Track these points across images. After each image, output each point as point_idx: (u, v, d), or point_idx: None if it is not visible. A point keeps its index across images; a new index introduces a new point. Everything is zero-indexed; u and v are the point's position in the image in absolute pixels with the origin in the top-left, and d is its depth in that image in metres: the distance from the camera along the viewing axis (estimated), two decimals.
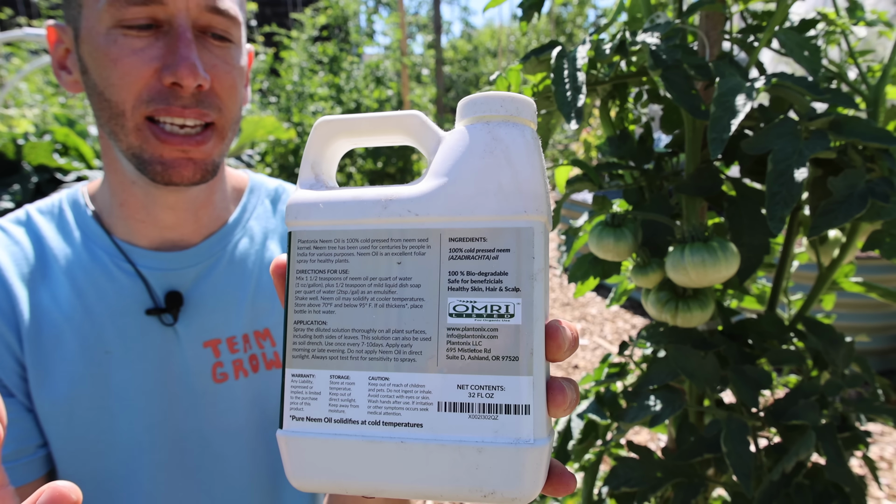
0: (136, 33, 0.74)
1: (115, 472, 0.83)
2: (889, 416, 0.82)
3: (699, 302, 0.82)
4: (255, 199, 0.97)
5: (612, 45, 0.81)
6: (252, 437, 0.89)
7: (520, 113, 0.41)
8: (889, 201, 0.71)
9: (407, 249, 0.40)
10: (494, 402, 0.38)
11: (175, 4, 0.74)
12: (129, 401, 0.82)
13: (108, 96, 0.76)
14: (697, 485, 0.86)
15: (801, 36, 0.80)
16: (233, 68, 0.80)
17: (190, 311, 0.85)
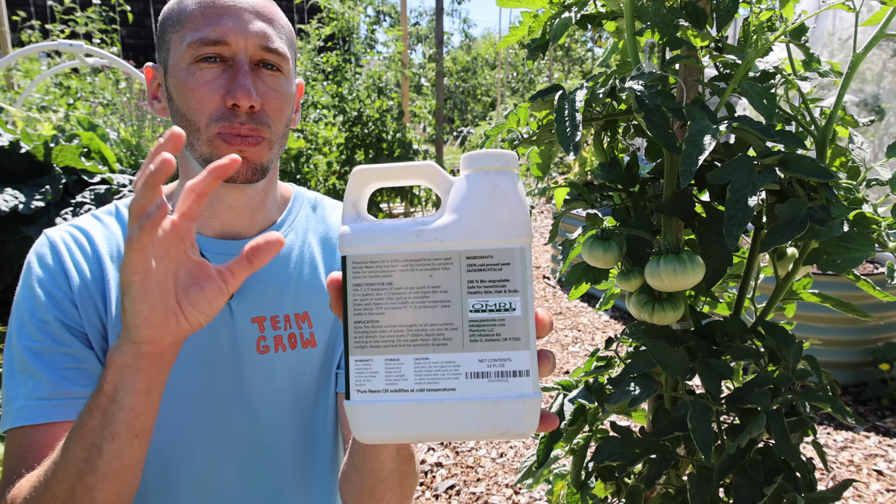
0: (207, 66, 0.95)
1: (171, 420, 1.00)
2: (827, 402, 0.98)
3: (672, 304, 0.99)
4: (298, 205, 1.18)
5: (604, 90, 0.98)
6: (286, 403, 1.06)
7: (509, 164, 0.59)
8: (825, 225, 0.87)
9: (436, 266, 0.58)
10: (505, 370, 0.56)
11: (237, 44, 0.95)
12: (188, 361, 1.00)
13: (189, 117, 0.96)
14: (668, 459, 1.02)
15: (760, 86, 0.97)
16: (280, 94, 1.00)
17: (243, 291, 1.04)
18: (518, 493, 2.33)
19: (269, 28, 0.99)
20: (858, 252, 0.88)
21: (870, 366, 3.00)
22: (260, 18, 0.98)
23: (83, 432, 0.75)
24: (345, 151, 7.04)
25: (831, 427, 2.72)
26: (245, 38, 0.95)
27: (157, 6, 12.38)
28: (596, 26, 1.18)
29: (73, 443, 0.76)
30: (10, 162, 2.45)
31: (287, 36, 1.04)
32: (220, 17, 0.95)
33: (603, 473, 1.18)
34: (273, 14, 1.01)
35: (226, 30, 0.94)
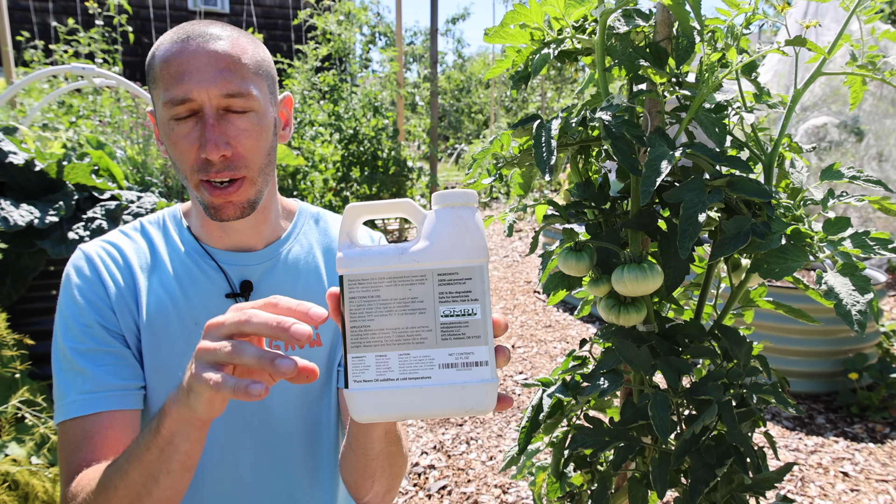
0: (182, 121, 1.05)
1: None
2: (771, 395, 1.12)
3: (636, 307, 1.13)
4: (303, 219, 1.32)
5: (576, 120, 1.12)
6: (294, 397, 1.21)
7: (470, 201, 0.75)
8: (765, 239, 1.01)
9: (414, 281, 0.73)
10: (469, 361, 0.72)
11: (201, 98, 1.03)
12: None
13: (178, 166, 1.09)
14: (633, 446, 1.16)
15: (714, 116, 1.11)
16: (253, 132, 1.08)
17: (256, 296, 1.18)
18: (506, 493, 2.45)
19: (230, 75, 1.04)
20: (794, 262, 1.02)
21: (841, 375, 3.14)
22: (219, 67, 1.04)
23: (142, 462, 0.88)
24: (341, 169, 7.18)
25: (803, 433, 2.86)
26: (207, 91, 1.02)
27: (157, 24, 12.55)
28: (572, 61, 1.32)
29: (132, 467, 0.89)
30: (24, 179, 2.58)
31: (255, 68, 1.09)
32: (181, 77, 1.02)
33: (578, 461, 1.32)
34: (236, 55, 1.07)
35: (188, 88, 1.02)
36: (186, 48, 1.04)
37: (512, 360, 3.92)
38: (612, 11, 1.12)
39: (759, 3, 1.14)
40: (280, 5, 14.00)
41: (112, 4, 5.88)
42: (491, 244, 7.80)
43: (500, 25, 1.24)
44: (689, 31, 1.12)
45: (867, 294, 0.93)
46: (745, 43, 1.16)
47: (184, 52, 1.03)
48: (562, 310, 4.98)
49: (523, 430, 1.25)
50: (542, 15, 1.22)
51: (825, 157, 5.98)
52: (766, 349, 3.17)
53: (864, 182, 1.10)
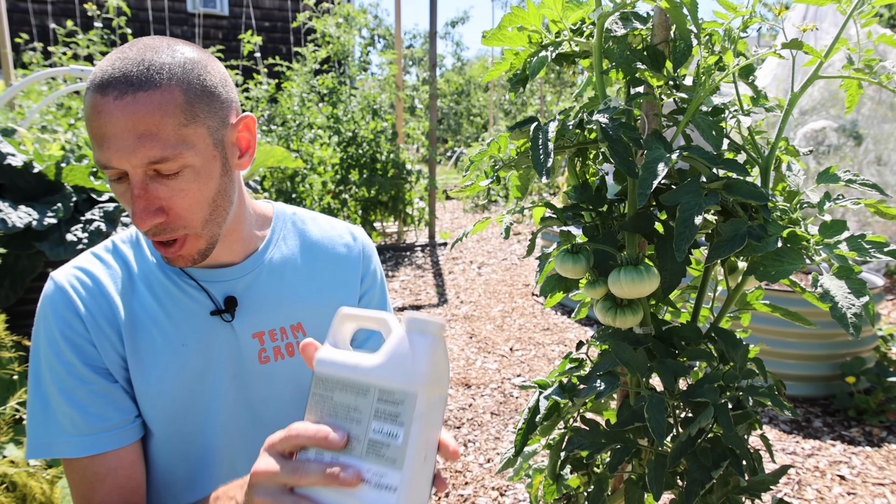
0: (116, 182, 0.98)
1: (194, 430, 1.14)
2: (766, 397, 1.12)
3: (632, 309, 1.13)
4: (280, 223, 1.26)
5: (573, 122, 1.12)
6: (288, 404, 1.20)
7: (429, 329, 0.76)
8: (761, 241, 1.02)
9: (359, 392, 0.76)
10: (381, 483, 0.72)
11: (123, 166, 0.93)
12: (201, 379, 1.12)
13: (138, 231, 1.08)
14: (630, 448, 1.16)
15: (710, 119, 1.11)
16: (187, 192, 0.98)
17: (242, 310, 1.15)
18: (503, 495, 2.45)
19: (151, 141, 0.92)
20: (790, 265, 1.02)
21: (838, 379, 3.14)
22: (138, 133, 0.91)
23: None
24: (339, 171, 7.18)
25: (800, 436, 2.86)
26: (129, 160, 0.92)
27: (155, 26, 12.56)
28: (570, 64, 1.32)
29: None
30: (23, 181, 2.58)
31: (188, 115, 0.95)
32: (101, 142, 0.92)
33: (574, 463, 1.32)
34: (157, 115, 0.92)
35: (108, 156, 0.92)
36: (105, 105, 0.91)
37: (509, 362, 3.92)
38: (609, 14, 1.12)
39: (756, 6, 1.14)
40: (279, 8, 14.01)
41: (111, 7, 5.88)
42: (489, 247, 7.80)
43: (498, 28, 1.24)
44: (686, 34, 1.12)
45: (863, 297, 0.93)
46: (742, 46, 1.17)
47: (102, 111, 0.91)
48: (559, 312, 4.99)
49: (519, 432, 1.26)
50: (539, 18, 1.22)
51: (823, 160, 5.99)
52: (763, 352, 3.18)
53: (860, 185, 1.10)
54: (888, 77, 1.10)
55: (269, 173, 6.89)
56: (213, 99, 1.00)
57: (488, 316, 4.93)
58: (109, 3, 5.89)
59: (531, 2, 1.22)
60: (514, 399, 3.39)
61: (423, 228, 8.28)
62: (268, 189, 6.83)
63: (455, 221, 9.86)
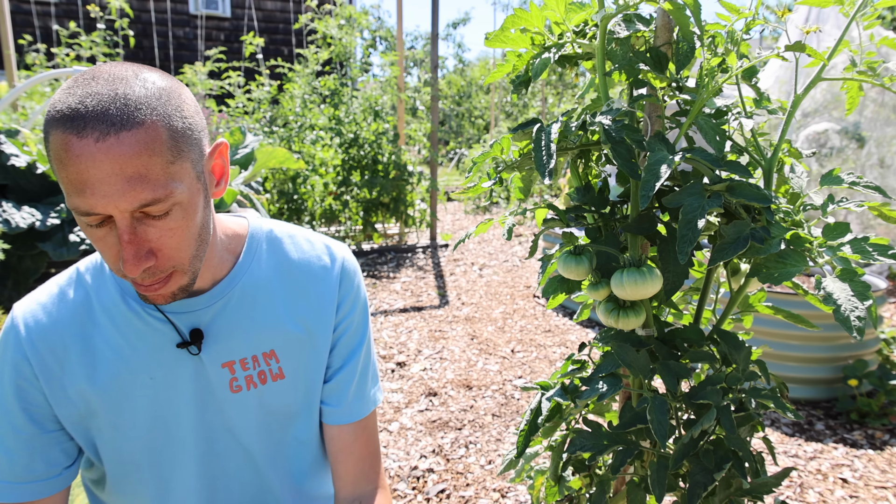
0: (96, 227, 0.90)
1: (170, 459, 1.14)
2: (770, 399, 1.12)
3: (634, 311, 1.13)
4: (255, 244, 1.18)
5: (576, 124, 1.12)
6: (261, 430, 1.19)
7: None
8: (764, 244, 1.02)
9: None
10: None
11: (108, 211, 0.86)
12: (172, 409, 1.11)
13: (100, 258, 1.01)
14: (632, 450, 1.16)
15: (713, 121, 1.11)
16: (177, 229, 0.93)
17: (210, 341, 1.11)
18: (505, 497, 2.45)
19: (141, 184, 0.86)
20: (793, 267, 1.02)
21: (840, 382, 3.13)
22: (126, 176, 0.85)
23: None
24: (341, 173, 7.18)
25: (802, 439, 2.85)
26: (117, 205, 0.86)
27: (160, 28, 12.57)
28: (573, 65, 1.32)
29: None
30: (26, 182, 2.58)
31: (174, 152, 0.90)
32: (83, 188, 0.84)
33: (576, 465, 1.32)
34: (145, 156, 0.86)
35: (93, 202, 0.85)
36: (84, 148, 0.83)
37: (511, 364, 3.92)
38: (612, 16, 1.12)
39: (759, 8, 1.14)
40: (281, 9, 14.02)
41: (114, 8, 5.89)
42: (491, 248, 7.80)
43: (501, 30, 1.24)
44: (689, 35, 1.12)
45: (866, 300, 0.93)
46: (745, 48, 1.17)
47: (82, 155, 0.83)
48: (561, 314, 4.98)
49: (522, 433, 1.26)
50: (542, 19, 1.22)
51: (826, 163, 5.98)
52: (765, 355, 3.17)
53: (863, 188, 1.10)
54: (891, 79, 1.10)
55: (271, 174, 6.90)
56: (192, 130, 0.94)
57: (490, 318, 4.93)
58: (112, 5, 5.90)
59: (534, 3, 1.22)
60: (515, 401, 3.39)
61: (425, 230, 8.28)
62: (270, 190, 6.84)
63: (456, 223, 9.86)
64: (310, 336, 1.19)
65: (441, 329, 4.64)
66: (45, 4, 11.27)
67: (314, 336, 1.19)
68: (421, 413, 3.26)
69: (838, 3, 1.16)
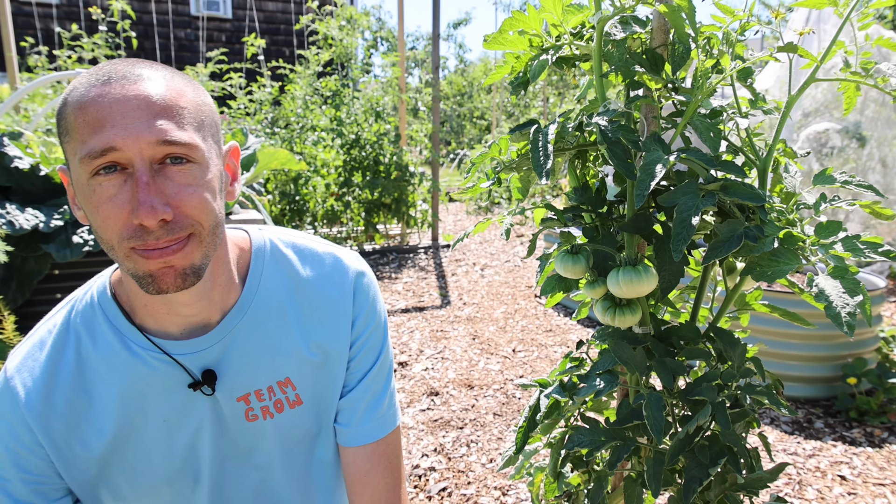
0: (106, 178, 0.84)
1: (187, 490, 1.14)
2: (764, 395, 1.14)
3: (630, 309, 1.15)
4: (259, 262, 1.12)
5: (573, 125, 1.14)
6: (282, 454, 1.19)
7: None
8: (758, 242, 1.03)
9: None
10: None
11: (129, 149, 0.83)
12: (190, 444, 1.10)
13: (101, 234, 0.88)
14: (629, 445, 1.17)
15: (709, 121, 1.13)
16: (198, 187, 0.89)
17: (223, 378, 1.07)
18: (506, 495, 2.46)
19: (166, 121, 0.86)
20: (786, 265, 1.04)
21: (840, 380, 3.15)
22: (151, 109, 0.85)
23: None
24: (343, 173, 7.20)
25: (801, 437, 2.87)
26: (136, 139, 0.83)
27: (161, 29, 12.60)
28: (570, 67, 1.34)
29: None
30: (29, 184, 2.60)
31: (195, 113, 0.91)
32: (104, 124, 0.83)
33: (575, 461, 1.33)
34: (171, 96, 0.88)
35: (110, 136, 0.82)
36: (108, 92, 0.84)
37: (512, 364, 3.94)
38: (609, 18, 1.14)
39: (753, 9, 1.16)
40: (282, 10, 14.04)
41: (116, 10, 5.92)
42: (492, 249, 7.82)
43: (499, 32, 1.26)
44: (684, 37, 1.14)
45: (857, 296, 0.95)
46: (740, 49, 1.18)
47: (104, 97, 0.84)
48: (562, 314, 5.00)
49: (521, 429, 1.27)
50: (540, 21, 1.24)
51: (827, 162, 5.99)
52: (765, 353, 3.19)
53: (856, 187, 1.12)
54: (884, 80, 1.12)
55: (273, 175, 6.92)
56: (211, 111, 0.96)
57: (491, 317, 4.95)
58: (114, 7, 5.93)
59: (532, 6, 1.23)
60: (516, 400, 3.41)
61: (426, 230, 8.30)
62: (271, 192, 6.86)
63: (458, 223, 9.88)
64: (326, 359, 1.16)
65: (443, 329, 4.66)
66: (47, 6, 11.31)
67: (330, 358, 1.16)
68: (423, 412, 3.28)
69: (833, 5, 1.17)
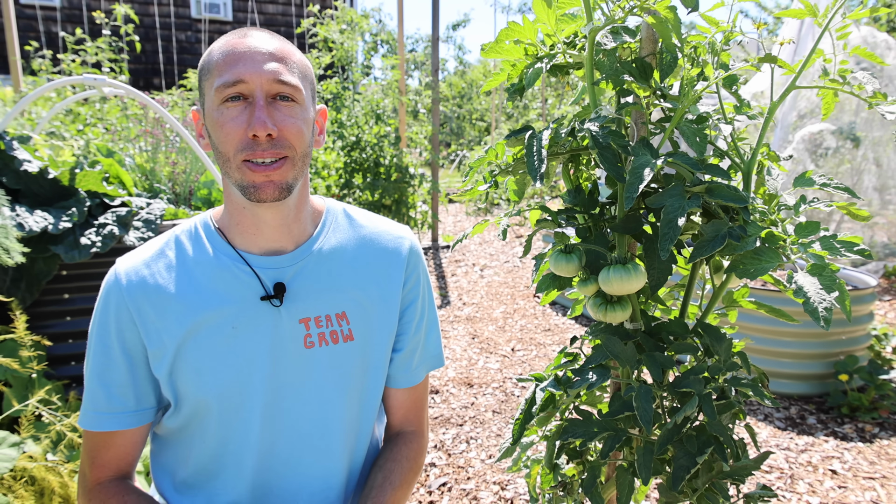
0: (232, 104, 1.14)
1: (241, 405, 1.23)
2: (749, 387, 1.19)
3: (621, 305, 1.21)
4: (331, 217, 1.37)
5: (566, 130, 1.20)
6: (331, 389, 1.29)
7: None
8: (741, 241, 1.09)
9: None
10: None
11: (253, 82, 1.13)
12: (249, 359, 1.22)
13: (221, 149, 1.16)
14: (620, 436, 1.23)
15: (695, 127, 1.19)
16: (297, 120, 1.17)
17: (290, 297, 1.24)
18: (504, 489, 2.52)
19: (280, 65, 1.15)
20: (768, 263, 1.10)
21: (832, 377, 3.21)
22: (272, 59, 1.14)
23: None
24: (343, 175, 7.26)
25: (794, 433, 2.93)
26: (259, 75, 1.12)
27: (163, 32, 12.66)
28: (564, 74, 1.39)
29: None
30: (38, 187, 2.66)
31: (300, 70, 1.20)
32: (237, 63, 1.12)
33: (569, 452, 1.39)
34: (285, 53, 1.18)
35: (242, 71, 1.12)
36: (244, 42, 1.15)
37: (511, 362, 4.00)
38: (600, 28, 1.20)
39: (737, 21, 1.22)
40: (282, 13, 14.11)
41: (119, 14, 5.97)
42: (492, 249, 7.88)
43: (496, 42, 1.32)
44: (671, 47, 1.19)
45: (833, 292, 1.01)
46: (725, 57, 1.24)
47: (241, 45, 1.14)
48: (560, 314, 5.06)
49: (517, 421, 1.33)
50: (535, 32, 1.30)
51: (822, 163, 6.05)
52: (758, 351, 3.24)
53: (833, 189, 1.18)
54: (860, 87, 1.17)
55: None
56: (311, 73, 1.26)
57: (490, 317, 5.01)
58: (117, 11, 5.99)
59: (526, 17, 1.29)
60: (515, 398, 3.46)
61: (426, 231, 8.35)
62: None
63: (458, 224, 9.94)
64: (378, 302, 1.33)
65: (443, 329, 4.72)
66: (50, 9, 11.37)
67: (382, 303, 1.34)
68: None
69: (812, 16, 1.23)
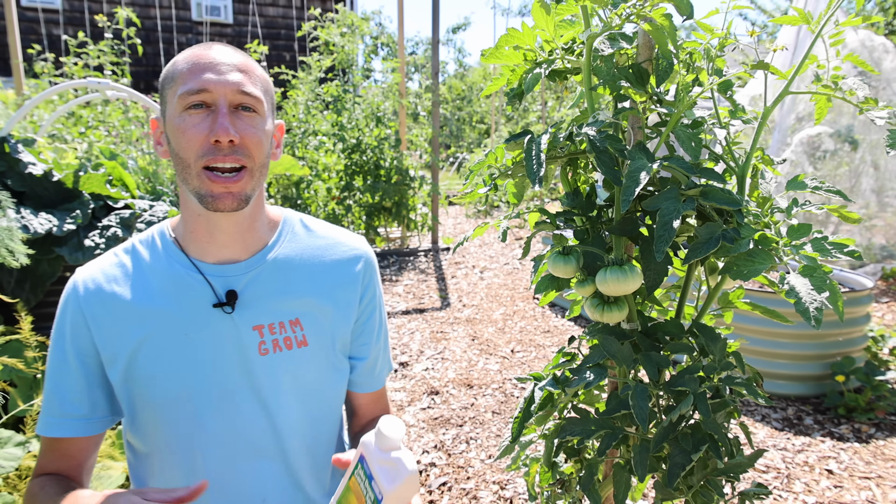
0: (195, 111, 1.16)
1: (195, 412, 1.25)
2: (742, 386, 1.22)
3: (618, 306, 1.23)
4: (287, 227, 1.39)
5: (564, 135, 1.23)
6: (288, 394, 1.31)
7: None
8: (734, 243, 1.12)
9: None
10: None
11: (216, 91, 1.16)
12: (202, 366, 1.24)
13: (181, 155, 1.17)
14: (617, 434, 1.26)
15: (690, 131, 1.22)
16: (257, 130, 1.20)
17: (242, 304, 1.26)
18: (504, 489, 2.54)
19: (244, 77, 1.18)
20: (761, 264, 1.12)
21: (829, 378, 3.23)
22: (236, 70, 1.18)
23: None
24: (344, 178, 7.29)
25: (791, 433, 2.95)
26: (223, 85, 1.15)
27: (164, 35, 12.70)
28: (562, 79, 1.42)
29: None
30: (42, 189, 2.68)
31: (262, 84, 1.23)
32: (202, 72, 1.15)
33: (568, 451, 1.42)
34: (248, 67, 1.21)
35: (206, 80, 1.14)
36: (209, 53, 1.18)
37: (511, 364, 4.02)
38: (597, 35, 1.22)
39: (731, 27, 1.25)
40: (283, 16, 14.15)
41: (121, 17, 6.00)
42: (492, 251, 7.91)
43: (496, 48, 1.34)
44: (667, 53, 1.22)
45: (824, 292, 1.03)
46: (721, 63, 1.27)
47: (206, 56, 1.18)
48: (559, 315, 5.08)
49: (516, 420, 1.36)
50: (533, 38, 1.33)
51: (820, 165, 6.08)
52: (756, 352, 3.27)
53: (825, 192, 1.21)
54: (851, 93, 1.20)
55: (275, 180, 7.00)
56: (271, 88, 1.29)
57: (490, 319, 5.03)
58: (119, 14, 6.02)
59: (525, 23, 1.32)
60: (514, 399, 3.49)
61: (427, 234, 8.38)
62: (273, 195, 6.95)
63: (458, 227, 9.96)
64: (333, 309, 1.35)
65: (443, 330, 4.74)
66: (52, 12, 11.41)
67: (337, 310, 1.36)
68: (423, 411, 3.36)
69: (805, 23, 1.26)
